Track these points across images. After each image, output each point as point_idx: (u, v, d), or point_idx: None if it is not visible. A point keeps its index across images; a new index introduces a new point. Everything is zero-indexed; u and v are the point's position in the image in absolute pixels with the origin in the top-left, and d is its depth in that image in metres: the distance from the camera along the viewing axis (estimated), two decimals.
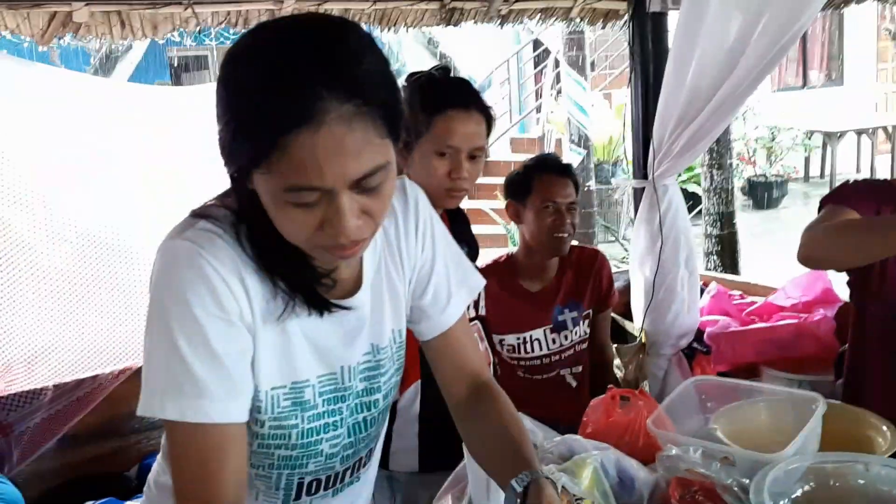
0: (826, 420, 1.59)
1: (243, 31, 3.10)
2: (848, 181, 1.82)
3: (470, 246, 1.87)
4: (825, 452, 1.41)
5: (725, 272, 4.87)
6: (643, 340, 2.77)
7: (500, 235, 7.13)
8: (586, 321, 2.38)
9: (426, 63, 12.43)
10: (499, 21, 3.51)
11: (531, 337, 2.32)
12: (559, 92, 7.57)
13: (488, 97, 10.23)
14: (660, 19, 2.71)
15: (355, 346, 1.10)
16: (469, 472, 1.32)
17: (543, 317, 2.33)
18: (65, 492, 2.42)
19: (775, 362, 2.59)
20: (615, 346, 2.70)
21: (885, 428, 1.52)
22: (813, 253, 1.61)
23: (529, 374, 2.34)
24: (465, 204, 1.87)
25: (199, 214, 0.99)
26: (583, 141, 6.77)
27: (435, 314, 1.20)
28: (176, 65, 11.92)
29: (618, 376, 2.70)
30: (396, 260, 1.15)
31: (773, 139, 11.14)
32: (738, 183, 9.27)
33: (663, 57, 2.57)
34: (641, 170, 2.70)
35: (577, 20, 3.50)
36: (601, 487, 1.30)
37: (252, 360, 0.99)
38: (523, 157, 10.24)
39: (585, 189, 6.53)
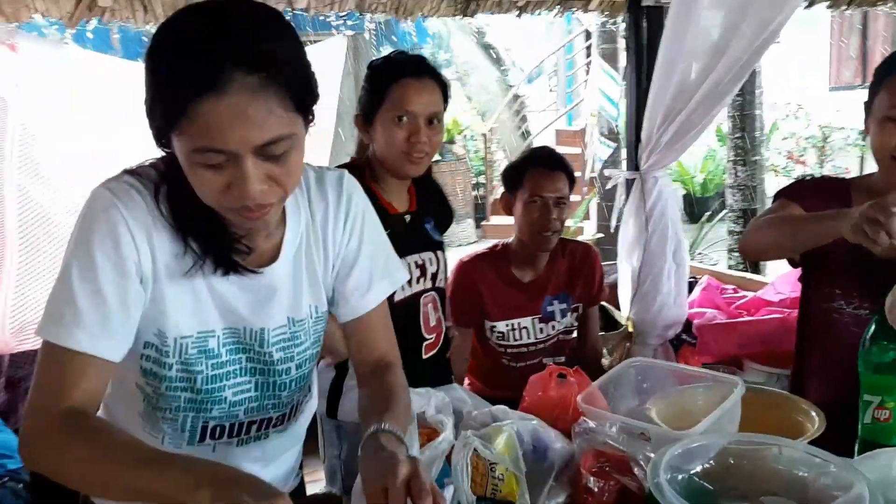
0: (759, 406, 1.65)
1: None
2: (805, 177, 1.85)
3: (440, 217, 1.97)
4: (741, 433, 1.46)
5: (747, 270, 4.84)
6: (629, 329, 2.81)
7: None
8: (574, 314, 2.43)
9: (474, 54, 12.50)
10: (517, 12, 3.56)
11: (519, 325, 2.37)
12: None
13: (535, 87, 10.21)
14: (656, 14, 2.74)
15: (265, 314, 1.20)
16: None
17: (533, 306, 2.37)
18: None
19: (758, 356, 2.61)
20: (602, 333, 2.75)
21: (814, 413, 1.56)
22: (749, 244, 1.65)
23: (514, 361, 2.39)
24: None
25: (129, 171, 1.11)
26: (613, 133, 6.77)
27: (354, 299, 1.29)
28: None
29: (604, 364, 2.75)
30: (320, 244, 1.25)
31: (826, 139, 10.89)
32: (786, 181, 9.10)
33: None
34: (633, 161, 2.74)
35: (599, 11, 3.53)
36: (513, 454, 1.38)
37: (153, 311, 1.10)
38: (567, 150, 10.29)
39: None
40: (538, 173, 2.27)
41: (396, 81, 1.72)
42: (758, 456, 1.37)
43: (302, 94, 1.01)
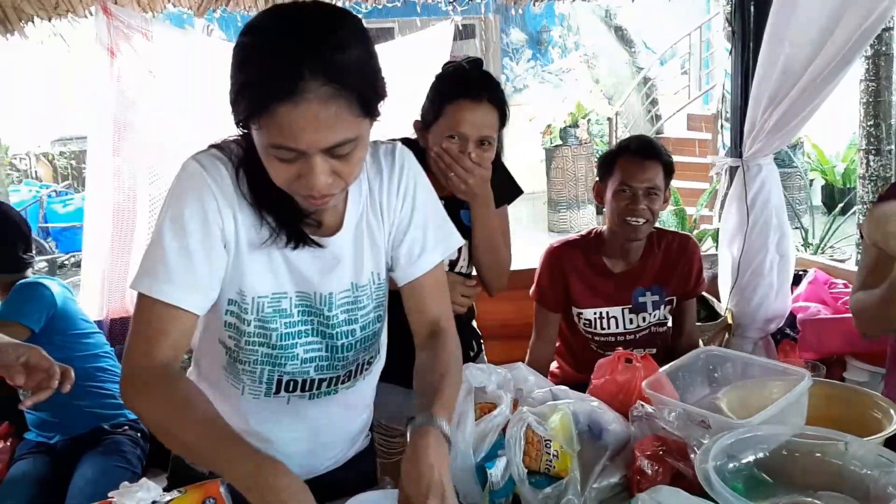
0: (837, 401, 1.62)
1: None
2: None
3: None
4: (808, 426, 1.44)
5: None
6: (728, 321, 2.76)
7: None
8: (667, 306, 2.37)
9: (603, 36, 12.28)
10: None
11: (608, 314, 2.34)
12: None
13: (667, 70, 9.86)
14: None
15: (332, 279, 1.31)
16: None
17: (624, 296, 2.34)
18: None
19: (863, 354, 2.51)
20: (698, 323, 2.70)
21: (893, 412, 1.52)
22: (868, 330, 1.63)
23: (602, 349, 2.37)
24: None
25: (216, 146, 1.24)
26: None
27: (408, 264, 1.38)
28: None
29: None
30: (378, 212, 1.35)
31: None
32: None
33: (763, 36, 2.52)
34: (737, 148, 2.67)
35: None
36: (567, 432, 1.42)
37: (235, 273, 1.24)
38: (698, 136, 9.96)
39: None
40: (629, 162, 2.24)
41: (453, 101, 1.77)
42: (822, 451, 1.35)
43: (369, 99, 1.10)
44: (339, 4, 3.21)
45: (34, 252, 2.56)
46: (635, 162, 2.22)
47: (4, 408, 2.52)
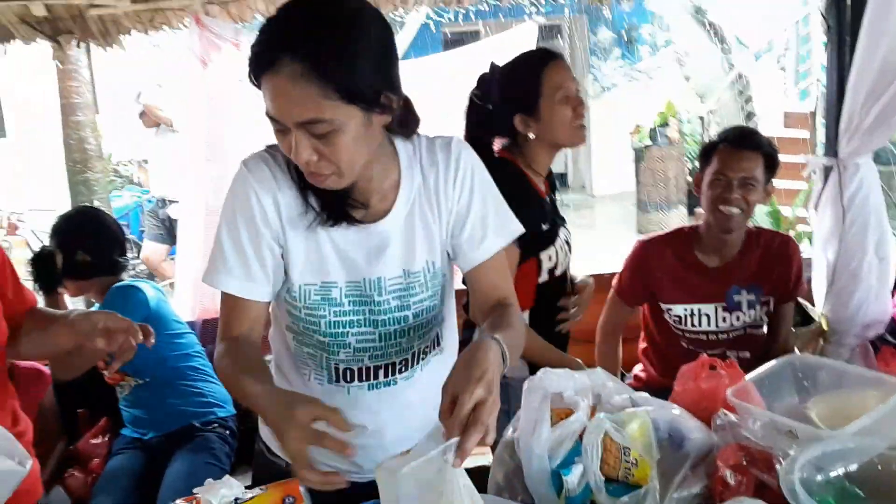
0: None
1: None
2: None
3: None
4: None
5: None
6: (824, 326, 2.64)
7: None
8: (764, 307, 2.31)
9: (695, 33, 11.99)
10: None
11: (700, 311, 2.30)
12: None
13: (762, 66, 9.56)
14: None
15: (381, 264, 1.35)
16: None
17: (718, 293, 2.29)
18: None
19: None
20: (792, 329, 2.60)
21: None
22: None
23: (693, 347, 2.33)
24: None
25: (269, 145, 1.33)
26: None
27: (470, 250, 1.41)
28: (450, 40, 12.58)
29: None
30: (434, 204, 1.38)
31: None
32: None
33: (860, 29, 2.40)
34: (832, 147, 2.56)
35: None
36: (647, 440, 1.38)
37: (286, 261, 1.34)
38: (796, 134, 9.60)
39: None
40: (726, 151, 2.21)
41: (550, 66, 1.91)
42: None
43: (348, 87, 1.15)
44: (424, 9, 3.27)
45: (128, 256, 2.66)
46: (732, 151, 2.19)
47: (103, 405, 2.65)
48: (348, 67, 1.15)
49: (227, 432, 2.55)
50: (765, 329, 2.35)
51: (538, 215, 1.92)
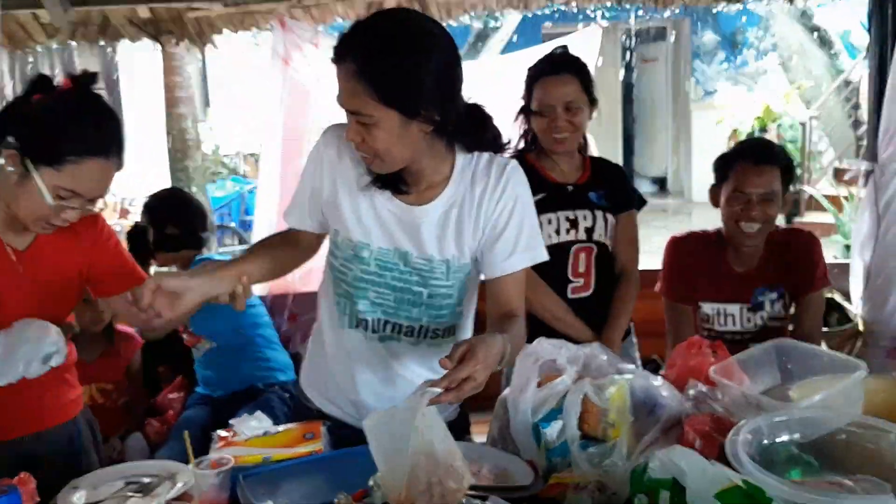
0: None
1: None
2: None
3: (615, 194, 2.34)
4: (862, 416, 1.46)
5: None
6: (860, 328, 2.69)
7: (829, 224, 6.63)
8: (783, 300, 2.33)
9: (800, 36, 11.65)
10: None
11: (726, 311, 2.34)
12: None
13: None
14: None
15: (412, 241, 1.57)
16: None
17: (745, 294, 2.32)
18: None
19: None
20: (825, 329, 2.65)
21: None
22: None
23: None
24: None
25: None
26: None
27: (496, 262, 1.60)
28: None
29: None
30: (474, 210, 1.57)
31: None
32: None
33: None
34: (871, 150, 2.60)
35: None
36: (622, 403, 1.54)
37: (333, 214, 1.61)
38: None
39: None
40: (743, 167, 2.21)
41: (537, 81, 2.19)
42: (870, 440, 1.38)
43: (390, 93, 1.38)
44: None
45: (209, 231, 2.96)
46: (749, 168, 2.20)
47: (180, 364, 2.97)
48: (393, 79, 1.38)
49: (287, 395, 2.80)
50: (786, 321, 2.36)
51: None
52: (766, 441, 1.38)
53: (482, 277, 1.67)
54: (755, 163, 2.20)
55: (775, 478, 1.18)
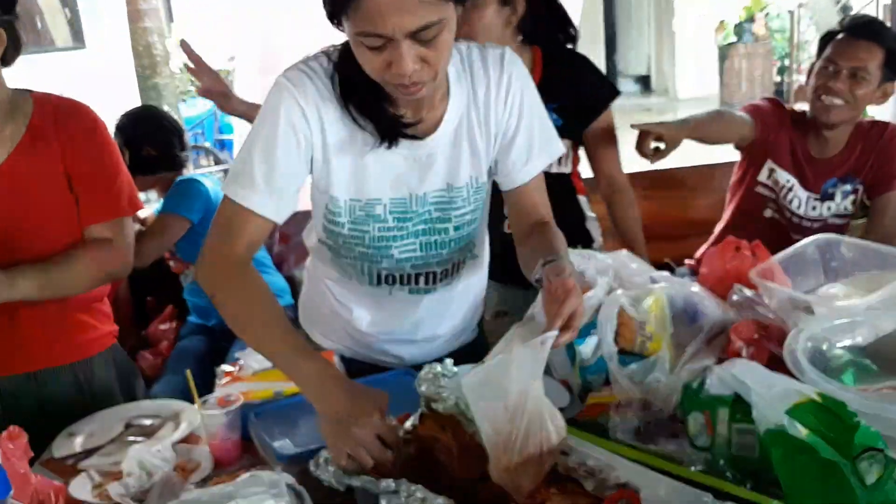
0: None
1: None
2: None
3: (572, 105, 1.98)
4: None
5: None
6: None
7: None
8: (854, 196, 2.23)
9: (827, 7, 11.21)
10: None
11: (795, 192, 2.24)
12: None
13: None
14: None
15: (427, 179, 1.37)
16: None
17: (814, 183, 2.23)
18: None
19: None
20: None
21: None
22: None
23: (776, 215, 2.29)
24: None
25: (308, 57, 1.30)
26: None
27: (514, 171, 1.41)
28: None
29: None
30: (482, 119, 1.37)
31: None
32: None
33: None
34: None
35: None
36: (661, 314, 1.42)
37: (327, 179, 1.32)
38: None
39: None
40: (840, 39, 2.12)
41: None
42: None
43: None
44: None
45: (188, 150, 2.76)
46: (845, 40, 2.10)
47: (169, 294, 2.82)
48: None
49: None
50: (847, 219, 2.27)
51: None
52: (823, 346, 1.27)
53: (500, 188, 1.48)
54: (854, 35, 2.11)
55: (854, 391, 1.07)
